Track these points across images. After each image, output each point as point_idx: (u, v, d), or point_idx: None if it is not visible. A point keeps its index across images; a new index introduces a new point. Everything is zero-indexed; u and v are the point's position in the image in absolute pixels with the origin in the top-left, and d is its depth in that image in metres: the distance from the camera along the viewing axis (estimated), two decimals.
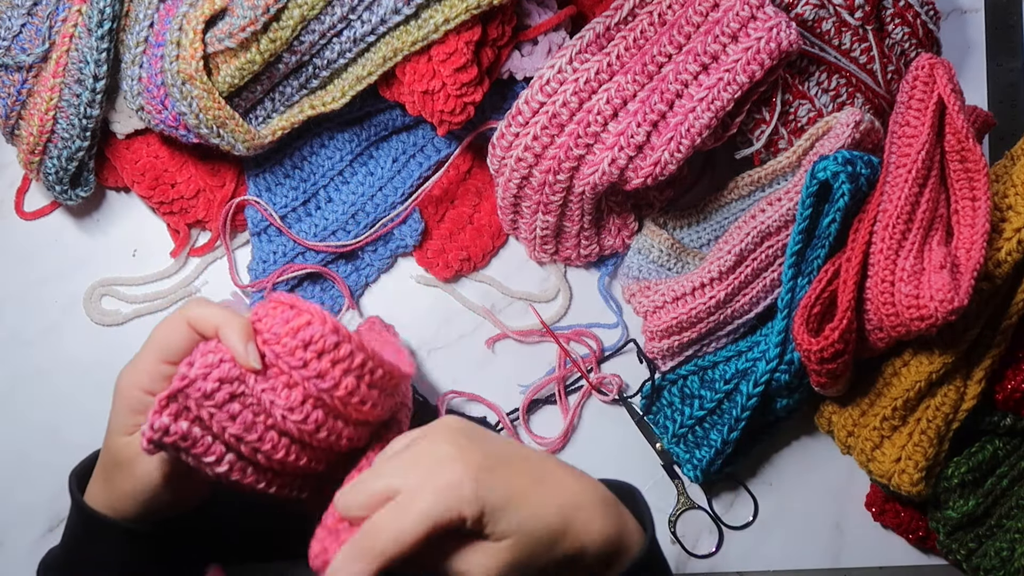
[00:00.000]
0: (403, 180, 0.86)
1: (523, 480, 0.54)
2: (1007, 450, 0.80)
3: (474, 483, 0.51)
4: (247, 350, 0.56)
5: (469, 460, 0.52)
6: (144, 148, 0.83)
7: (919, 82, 0.74)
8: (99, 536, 0.62)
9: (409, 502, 0.51)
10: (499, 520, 0.52)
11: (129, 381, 0.60)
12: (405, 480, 0.52)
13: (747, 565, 0.85)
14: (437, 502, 0.50)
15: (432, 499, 0.50)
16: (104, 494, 0.62)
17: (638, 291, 0.83)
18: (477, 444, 0.54)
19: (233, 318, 0.57)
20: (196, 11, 0.74)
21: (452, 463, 0.52)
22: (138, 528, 0.61)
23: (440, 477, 0.51)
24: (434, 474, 0.52)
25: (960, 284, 0.68)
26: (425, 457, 0.53)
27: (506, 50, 0.80)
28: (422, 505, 0.50)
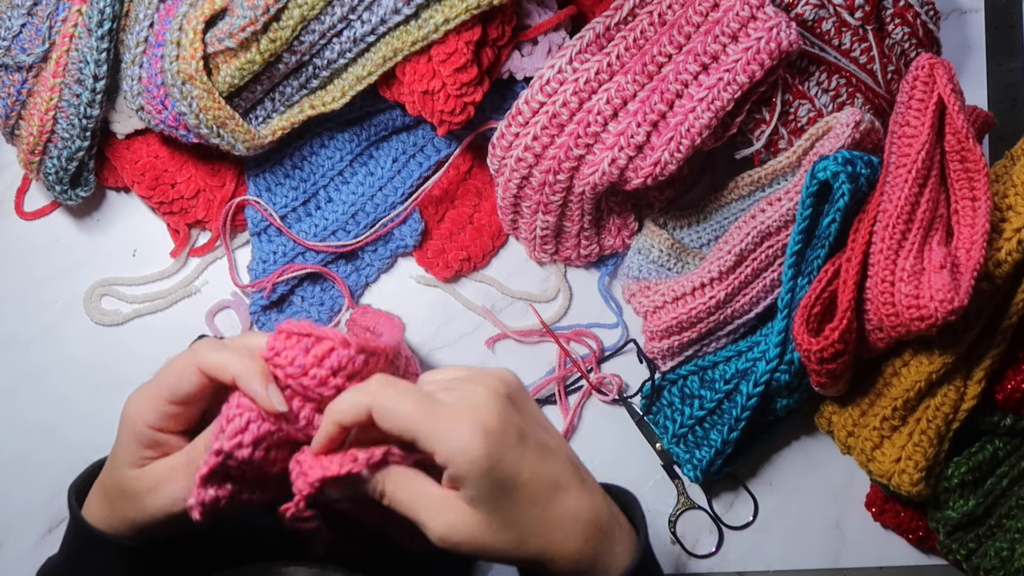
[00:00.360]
0: (403, 180, 0.86)
1: (531, 473, 0.54)
2: (1007, 450, 0.80)
3: (485, 450, 0.51)
4: (270, 394, 0.55)
5: (496, 427, 0.52)
6: (144, 148, 0.83)
7: (919, 82, 0.74)
8: (98, 552, 0.61)
9: (424, 407, 0.51)
10: (484, 493, 0.52)
11: (137, 415, 0.58)
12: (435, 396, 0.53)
13: (747, 565, 0.85)
14: (442, 440, 0.51)
15: (441, 434, 0.51)
16: (104, 514, 0.60)
17: (638, 291, 0.83)
18: (515, 414, 0.54)
19: (248, 364, 0.55)
20: (196, 11, 0.74)
21: (479, 418, 0.52)
22: (139, 546, 0.60)
23: (461, 423, 0.52)
24: (458, 416, 0.52)
25: (960, 284, 0.68)
26: (461, 396, 0.53)
27: (506, 50, 0.80)
28: (430, 426, 0.51)
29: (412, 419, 0.52)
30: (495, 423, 0.53)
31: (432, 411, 0.52)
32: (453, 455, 0.52)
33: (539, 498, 0.55)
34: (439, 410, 0.53)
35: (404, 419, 0.52)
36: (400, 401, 0.53)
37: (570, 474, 0.57)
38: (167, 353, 0.82)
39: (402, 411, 0.52)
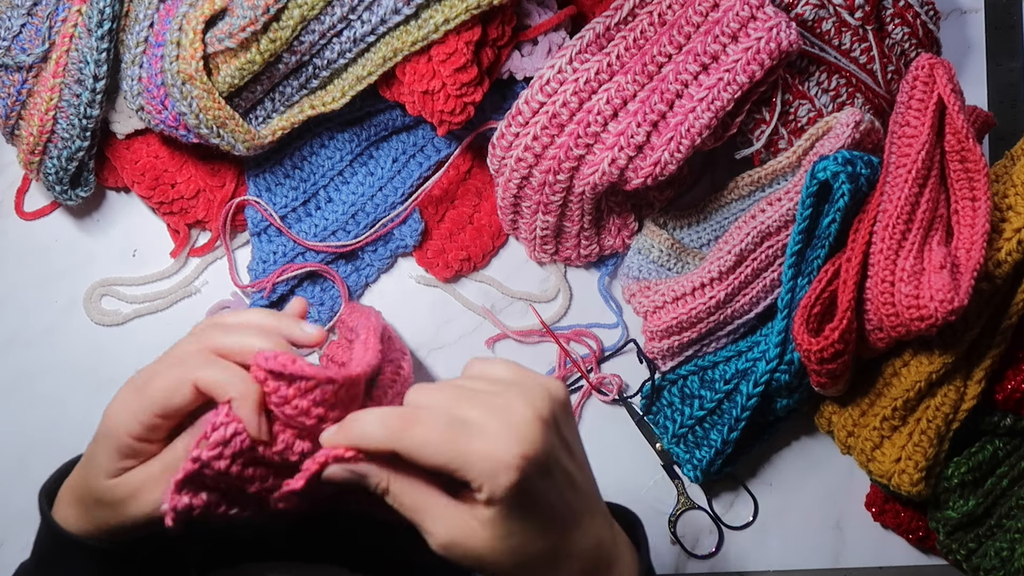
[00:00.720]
0: (403, 180, 0.86)
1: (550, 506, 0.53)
2: (1007, 450, 0.80)
3: (518, 478, 0.50)
4: (260, 424, 0.54)
5: (532, 454, 0.51)
6: (144, 148, 0.83)
7: (919, 82, 0.74)
8: (72, 556, 0.59)
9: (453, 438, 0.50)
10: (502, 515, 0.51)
11: (119, 425, 0.55)
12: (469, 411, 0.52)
13: (747, 565, 0.85)
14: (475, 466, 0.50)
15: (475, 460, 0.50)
16: (79, 520, 0.59)
17: (638, 291, 0.83)
18: (553, 439, 0.53)
19: (247, 389, 0.54)
20: (196, 11, 0.74)
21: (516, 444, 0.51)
22: (114, 549, 0.59)
23: (497, 447, 0.50)
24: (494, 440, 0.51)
25: (960, 284, 0.68)
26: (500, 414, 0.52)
27: (506, 50, 0.80)
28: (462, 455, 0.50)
29: (442, 454, 0.51)
30: (531, 450, 0.51)
31: (463, 440, 0.51)
32: (487, 477, 0.50)
33: (551, 528, 0.54)
34: (472, 437, 0.51)
35: (434, 457, 0.51)
36: (426, 438, 0.51)
37: (586, 508, 0.56)
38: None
39: (430, 449, 0.51)
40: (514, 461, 0.50)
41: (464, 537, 0.52)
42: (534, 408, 0.52)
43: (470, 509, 0.52)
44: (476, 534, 0.52)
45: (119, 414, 0.56)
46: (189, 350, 0.57)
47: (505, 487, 0.50)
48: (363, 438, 0.52)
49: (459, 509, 0.52)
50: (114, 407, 0.56)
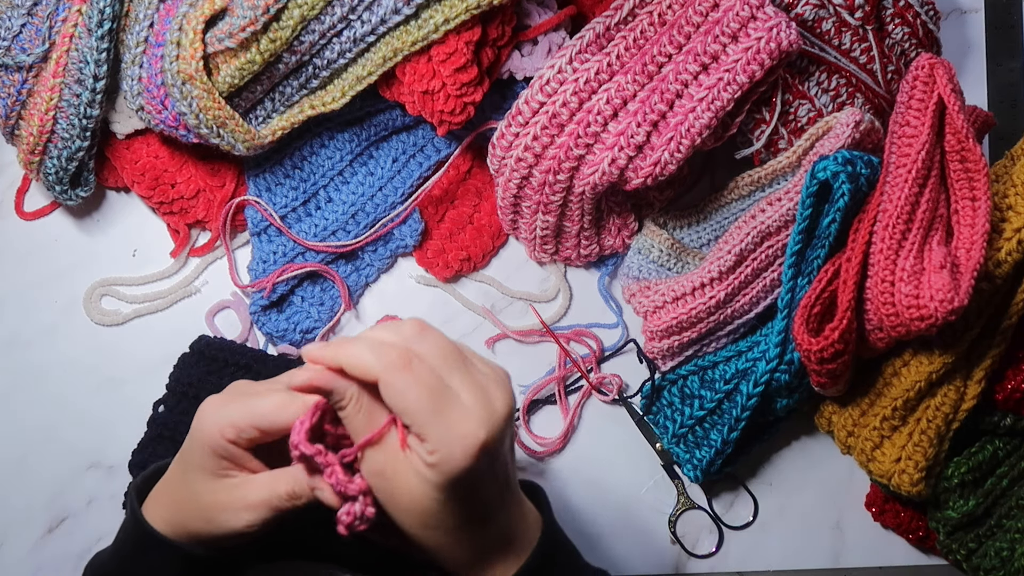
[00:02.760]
0: (403, 180, 0.86)
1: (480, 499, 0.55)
2: (1007, 450, 0.80)
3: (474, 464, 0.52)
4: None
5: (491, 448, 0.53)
6: (144, 148, 0.83)
7: (919, 82, 0.74)
8: (156, 555, 0.60)
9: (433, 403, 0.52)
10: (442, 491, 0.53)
11: (218, 430, 0.57)
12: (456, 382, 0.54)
13: (747, 565, 0.85)
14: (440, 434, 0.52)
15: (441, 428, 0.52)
16: (169, 521, 0.60)
17: (638, 291, 0.83)
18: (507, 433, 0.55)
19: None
20: (196, 11, 0.74)
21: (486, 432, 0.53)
22: (200, 553, 0.60)
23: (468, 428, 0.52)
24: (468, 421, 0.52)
25: (960, 284, 0.68)
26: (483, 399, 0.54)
27: (506, 50, 0.80)
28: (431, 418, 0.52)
29: (415, 408, 0.52)
30: (493, 444, 0.53)
31: (440, 406, 0.53)
32: (445, 450, 0.52)
33: (474, 514, 0.56)
34: (450, 407, 0.53)
35: (407, 405, 0.52)
36: (410, 387, 0.52)
37: (501, 501, 0.58)
38: (167, 353, 0.83)
39: (409, 397, 0.52)
40: (475, 444, 0.52)
41: (393, 475, 0.54)
42: (507, 404, 0.55)
43: (410, 455, 0.54)
44: (404, 478, 0.54)
45: (216, 419, 0.57)
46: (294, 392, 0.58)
47: (457, 468, 0.52)
48: (352, 360, 0.54)
49: (399, 452, 0.54)
50: (211, 411, 0.58)
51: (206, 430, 0.57)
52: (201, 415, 0.58)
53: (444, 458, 0.52)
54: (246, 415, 0.56)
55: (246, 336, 0.85)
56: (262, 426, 0.56)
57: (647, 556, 0.85)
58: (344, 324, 0.86)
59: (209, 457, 0.58)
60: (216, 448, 0.57)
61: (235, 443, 0.57)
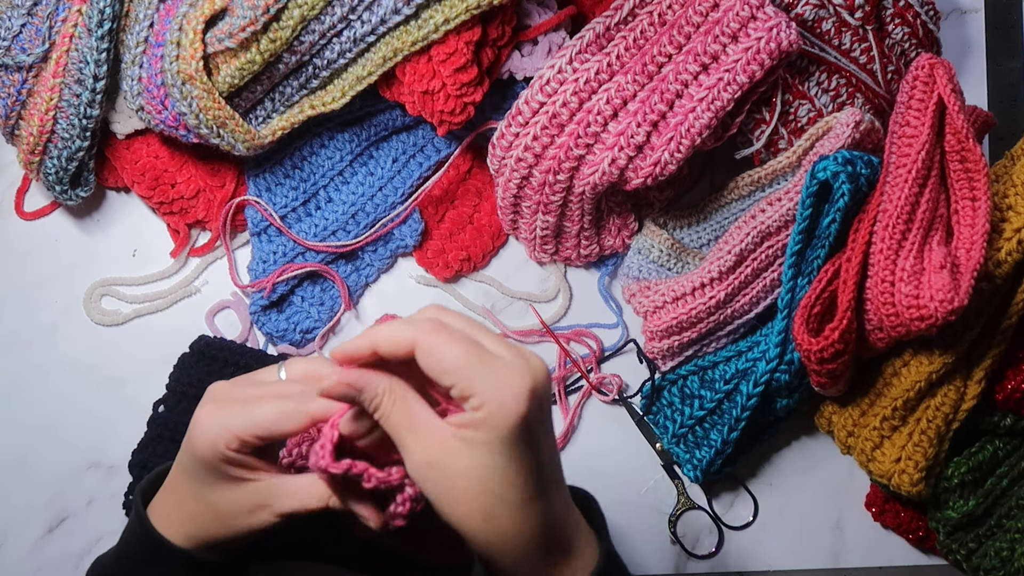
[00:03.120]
0: (403, 180, 0.86)
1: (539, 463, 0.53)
2: (1007, 450, 0.80)
3: (526, 409, 0.50)
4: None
5: (541, 396, 0.52)
6: (144, 148, 0.83)
7: (919, 82, 0.74)
8: (163, 560, 0.60)
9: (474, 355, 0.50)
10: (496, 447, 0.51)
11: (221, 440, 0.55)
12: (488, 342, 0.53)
13: (747, 565, 0.85)
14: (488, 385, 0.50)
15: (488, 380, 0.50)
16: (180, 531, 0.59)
17: (638, 291, 0.83)
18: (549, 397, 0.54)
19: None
20: (196, 11, 0.74)
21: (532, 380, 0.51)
22: (207, 557, 0.60)
23: (514, 377, 0.51)
24: (513, 370, 0.51)
25: (960, 284, 0.68)
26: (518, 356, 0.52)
27: (506, 50, 0.80)
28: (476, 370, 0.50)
29: (457, 364, 0.50)
30: (540, 389, 0.51)
31: (482, 359, 0.51)
32: (495, 401, 0.50)
33: (527, 487, 0.52)
34: (491, 359, 0.51)
35: (448, 363, 0.51)
36: (448, 345, 0.51)
37: (556, 483, 0.55)
38: (167, 353, 0.83)
39: (448, 355, 0.51)
40: (524, 390, 0.50)
41: (443, 458, 0.51)
42: (541, 362, 0.53)
43: (457, 431, 0.51)
44: (457, 457, 0.51)
45: (218, 430, 0.55)
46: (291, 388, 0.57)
47: (510, 411, 0.50)
48: (387, 336, 0.52)
49: (445, 431, 0.52)
50: (206, 421, 0.56)
51: (207, 444, 0.56)
52: (198, 429, 0.56)
53: (495, 409, 0.50)
54: (247, 425, 0.55)
55: (246, 336, 0.85)
56: (264, 436, 0.55)
57: (647, 556, 0.85)
58: (344, 324, 0.86)
59: (217, 467, 0.57)
60: (223, 458, 0.56)
61: (240, 451, 0.56)
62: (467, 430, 0.51)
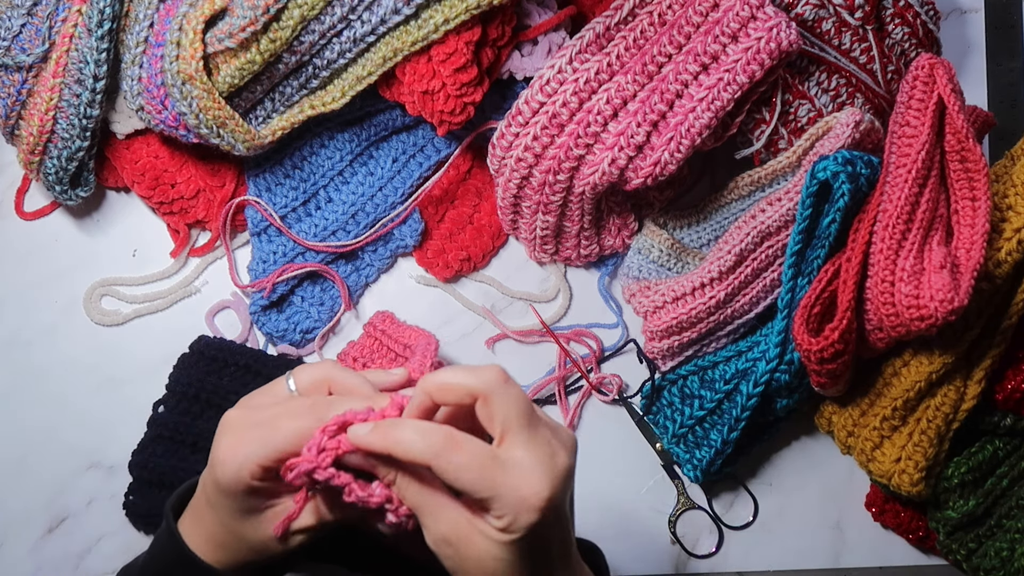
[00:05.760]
0: (403, 180, 0.86)
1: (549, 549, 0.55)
2: (1007, 450, 0.80)
3: (540, 518, 0.52)
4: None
5: (557, 500, 0.53)
6: (144, 148, 0.83)
7: (919, 82, 0.74)
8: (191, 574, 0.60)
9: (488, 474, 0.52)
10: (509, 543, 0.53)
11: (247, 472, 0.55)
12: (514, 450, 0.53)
13: (747, 565, 0.85)
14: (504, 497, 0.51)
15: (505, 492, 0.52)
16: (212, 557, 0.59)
17: (638, 291, 0.83)
18: (570, 487, 0.55)
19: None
20: (196, 11, 0.74)
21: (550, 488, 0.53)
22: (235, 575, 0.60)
23: (532, 483, 0.52)
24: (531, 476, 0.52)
25: (960, 284, 0.68)
26: (542, 456, 0.53)
27: (506, 50, 0.80)
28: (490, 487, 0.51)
29: (477, 483, 0.52)
30: (557, 497, 0.53)
31: (499, 474, 0.52)
32: (509, 514, 0.52)
33: (539, 569, 0.55)
34: (506, 472, 0.53)
35: (469, 483, 0.52)
36: (467, 466, 0.52)
37: (568, 558, 0.57)
38: (167, 353, 0.83)
39: (466, 477, 0.52)
40: (540, 504, 0.52)
41: (459, 539, 0.53)
42: (568, 460, 0.55)
43: (476, 520, 0.53)
44: (472, 543, 0.53)
45: (238, 463, 0.55)
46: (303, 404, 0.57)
47: (525, 526, 0.52)
48: (403, 447, 0.53)
49: (461, 514, 0.54)
50: (230, 456, 0.56)
51: (231, 477, 0.56)
52: (220, 464, 0.56)
53: (512, 520, 0.52)
54: (268, 451, 0.55)
55: (246, 336, 0.85)
56: (285, 458, 0.55)
57: (647, 556, 0.85)
58: (344, 324, 0.86)
59: (245, 500, 0.57)
60: (249, 490, 0.56)
61: (265, 479, 0.56)
62: (484, 524, 0.53)
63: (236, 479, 0.56)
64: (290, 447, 0.55)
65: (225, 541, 0.59)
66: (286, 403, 0.58)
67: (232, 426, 0.57)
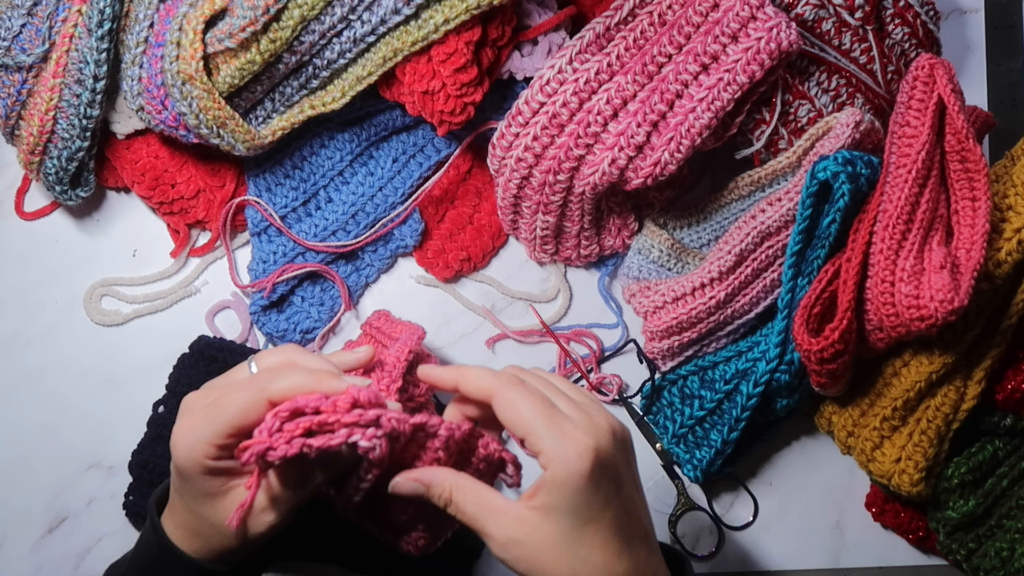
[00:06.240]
0: (403, 180, 0.86)
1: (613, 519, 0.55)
2: (1007, 450, 0.80)
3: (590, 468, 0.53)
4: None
5: (606, 456, 0.54)
6: (144, 148, 0.83)
7: (919, 82, 0.74)
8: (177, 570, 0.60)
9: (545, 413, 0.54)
10: (565, 508, 0.53)
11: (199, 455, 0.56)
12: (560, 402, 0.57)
13: (747, 565, 0.85)
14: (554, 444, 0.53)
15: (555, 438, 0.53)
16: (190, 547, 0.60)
17: (638, 291, 0.83)
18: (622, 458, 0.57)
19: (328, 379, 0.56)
20: (196, 11, 0.74)
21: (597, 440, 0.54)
22: (221, 568, 0.60)
23: (579, 436, 0.54)
24: (578, 429, 0.54)
25: (960, 284, 0.68)
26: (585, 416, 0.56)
27: (506, 50, 0.80)
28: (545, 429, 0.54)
29: (530, 420, 0.54)
30: (607, 453, 0.54)
31: (552, 417, 0.55)
32: (559, 459, 0.53)
33: (609, 547, 0.55)
34: (560, 418, 0.55)
35: (522, 418, 0.55)
36: (524, 400, 0.55)
37: (642, 539, 0.57)
38: (167, 353, 0.83)
39: (523, 410, 0.55)
40: (587, 451, 0.53)
41: (524, 534, 0.54)
42: (611, 424, 0.57)
43: (530, 502, 0.54)
44: (536, 528, 0.54)
45: (191, 446, 0.56)
46: (242, 378, 0.58)
47: (574, 472, 0.53)
48: (474, 381, 0.56)
49: (518, 507, 0.54)
50: (183, 439, 0.57)
51: (187, 459, 0.56)
52: (176, 446, 0.57)
53: (560, 467, 0.53)
54: (216, 428, 0.55)
55: (246, 336, 0.85)
56: (235, 433, 0.56)
57: None
58: (344, 324, 0.86)
59: (205, 482, 0.57)
60: (207, 470, 0.56)
61: (220, 457, 0.56)
62: (541, 496, 0.54)
63: (191, 460, 0.56)
64: (236, 422, 0.55)
65: (198, 529, 0.59)
66: (235, 378, 0.58)
67: (187, 408, 0.58)
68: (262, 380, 0.56)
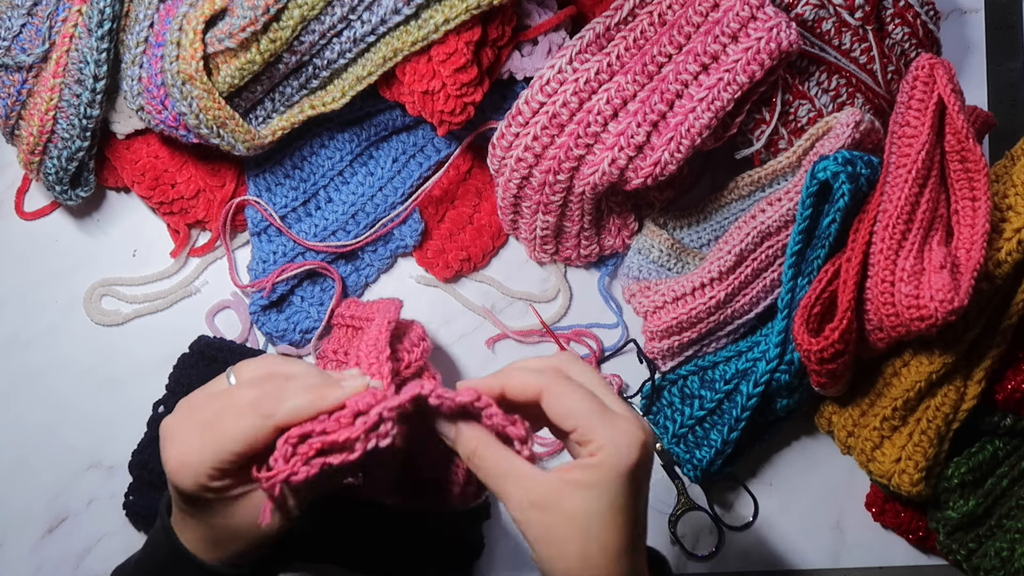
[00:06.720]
0: (403, 180, 0.86)
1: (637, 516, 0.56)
2: (1007, 450, 0.80)
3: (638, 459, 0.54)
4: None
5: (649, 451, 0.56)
6: (144, 148, 0.83)
7: (919, 82, 0.74)
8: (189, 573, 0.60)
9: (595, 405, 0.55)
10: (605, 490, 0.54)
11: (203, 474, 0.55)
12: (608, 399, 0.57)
13: (747, 565, 0.85)
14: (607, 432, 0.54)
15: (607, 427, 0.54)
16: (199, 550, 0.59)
17: (638, 291, 0.83)
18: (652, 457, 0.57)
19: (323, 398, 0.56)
20: (196, 11, 0.74)
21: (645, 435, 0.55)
22: (235, 573, 0.60)
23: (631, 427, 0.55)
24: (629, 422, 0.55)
25: (960, 284, 0.68)
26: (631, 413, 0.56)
27: (506, 50, 0.80)
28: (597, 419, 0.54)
29: (580, 411, 0.55)
30: (649, 451, 0.56)
31: (603, 409, 0.55)
32: (612, 447, 0.54)
33: (623, 539, 0.55)
34: (609, 411, 0.56)
35: (573, 409, 0.55)
36: (574, 392, 0.56)
37: (643, 543, 0.58)
38: (167, 353, 0.83)
39: (573, 401, 0.55)
40: (638, 443, 0.54)
41: (552, 499, 0.54)
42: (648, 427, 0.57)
43: (567, 474, 0.54)
44: (567, 498, 0.53)
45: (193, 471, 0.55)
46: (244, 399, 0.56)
47: (624, 457, 0.54)
48: (520, 384, 0.56)
49: (549, 475, 0.54)
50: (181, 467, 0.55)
51: (190, 483, 0.55)
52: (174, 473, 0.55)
53: (611, 453, 0.54)
54: (220, 455, 0.55)
55: (246, 336, 0.85)
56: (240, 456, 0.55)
57: None
58: None
59: (209, 498, 0.56)
60: (211, 489, 0.56)
61: (223, 476, 0.56)
62: (579, 472, 0.54)
63: (195, 485, 0.55)
64: (240, 449, 0.55)
65: (208, 536, 0.59)
66: (227, 398, 0.57)
67: (175, 433, 0.57)
68: (265, 407, 0.55)
